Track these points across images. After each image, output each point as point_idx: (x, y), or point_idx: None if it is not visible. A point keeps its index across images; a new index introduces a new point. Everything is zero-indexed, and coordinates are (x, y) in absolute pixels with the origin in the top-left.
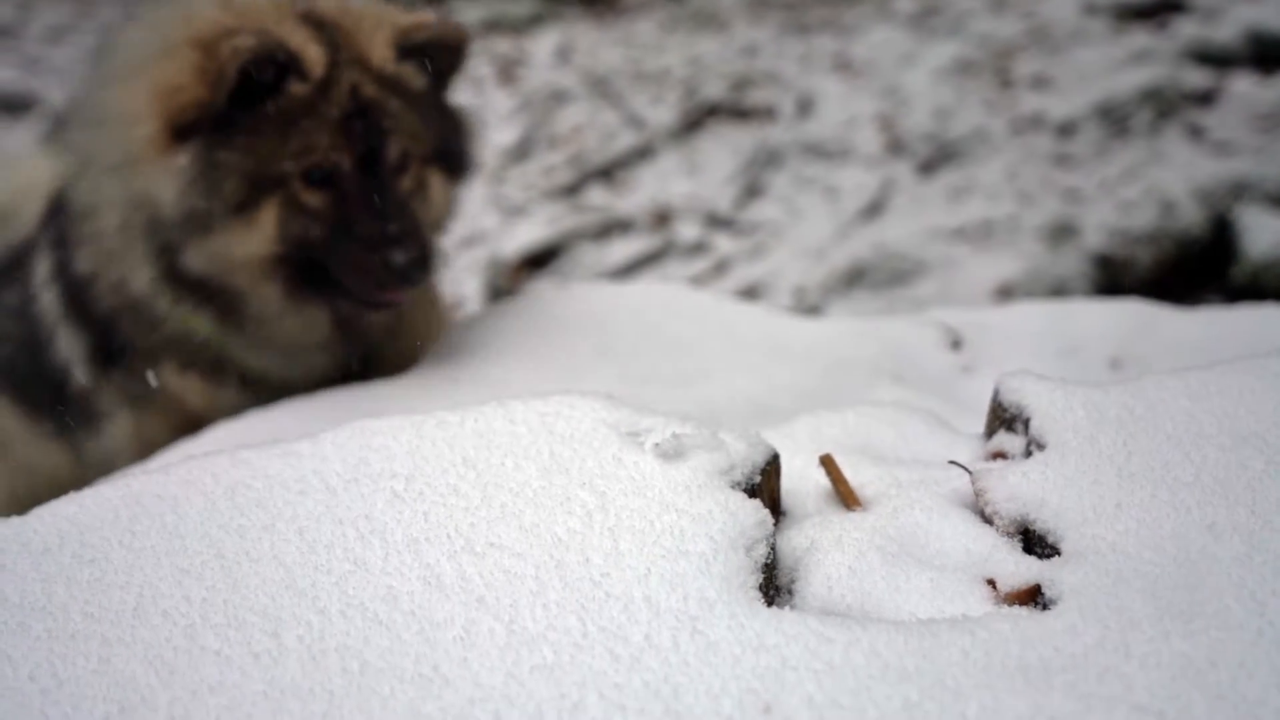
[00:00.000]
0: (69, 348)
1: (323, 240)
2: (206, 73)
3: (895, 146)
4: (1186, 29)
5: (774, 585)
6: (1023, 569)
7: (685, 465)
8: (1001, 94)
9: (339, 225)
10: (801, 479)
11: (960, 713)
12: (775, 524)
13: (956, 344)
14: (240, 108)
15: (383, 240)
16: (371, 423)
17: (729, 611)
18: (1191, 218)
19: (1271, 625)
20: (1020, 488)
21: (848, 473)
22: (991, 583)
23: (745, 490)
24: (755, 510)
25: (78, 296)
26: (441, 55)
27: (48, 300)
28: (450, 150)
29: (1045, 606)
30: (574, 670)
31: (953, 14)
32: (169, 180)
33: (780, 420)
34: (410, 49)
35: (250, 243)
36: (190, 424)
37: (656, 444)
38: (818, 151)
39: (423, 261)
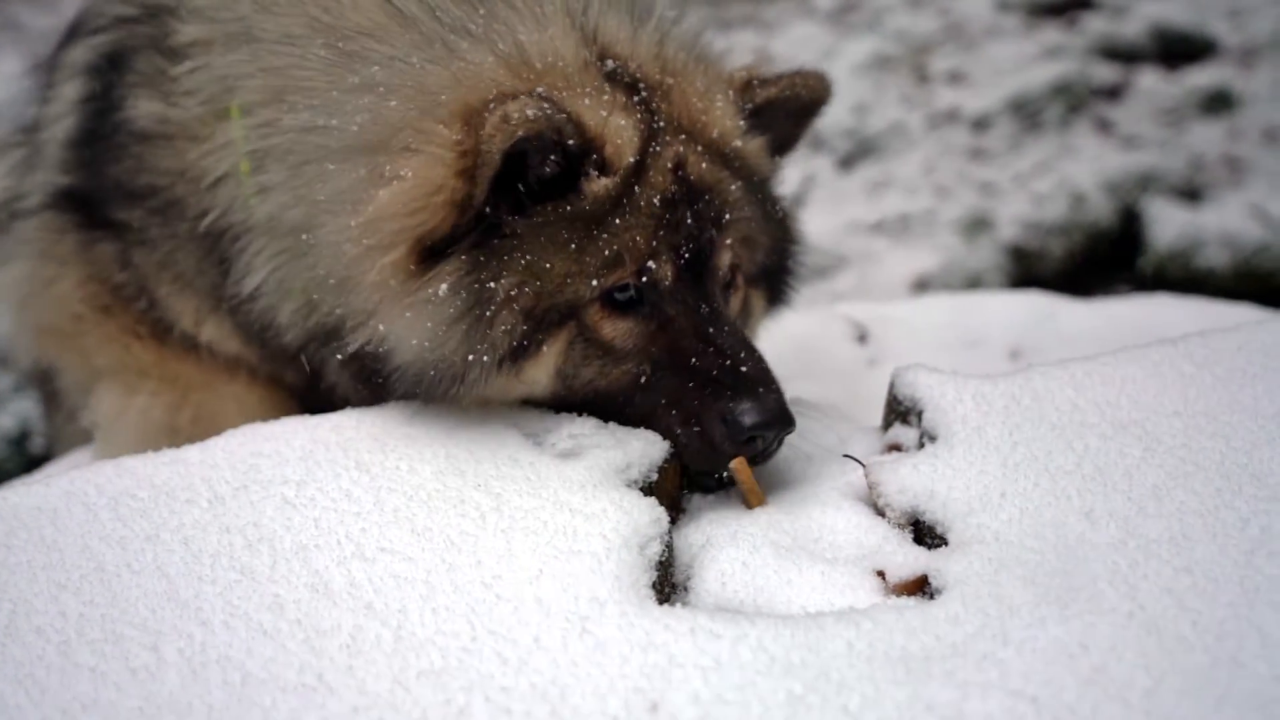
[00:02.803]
0: None
1: (625, 382)
2: (466, 158)
3: (815, 141)
4: (1095, 25)
5: (669, 582)
6: (911, 560)
7: (581, 464)
8: (919, 89)
9: (654, 358)
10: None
11: (842, 705)
12: (674, 521)
13: (863, 338)
14: (514, 206)
15: (727, 387)
16: (264, 427)
17: (619, 610)
18: (1101, 210)
19: (1142, 608)
20: (910, 480)
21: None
22: (881, 574)
23: (641, 488)
24: (650, 508)
25: None
26: (784, 120)
27: None
28: (779, 268)
29: (932, 596)
30: (461, 674)
31: (871, 10)
32: (413, 322)
33: None
34: (752, 112)
35: (513, 392)
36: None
37: (555, 444)
38: None
39: (780, 420)
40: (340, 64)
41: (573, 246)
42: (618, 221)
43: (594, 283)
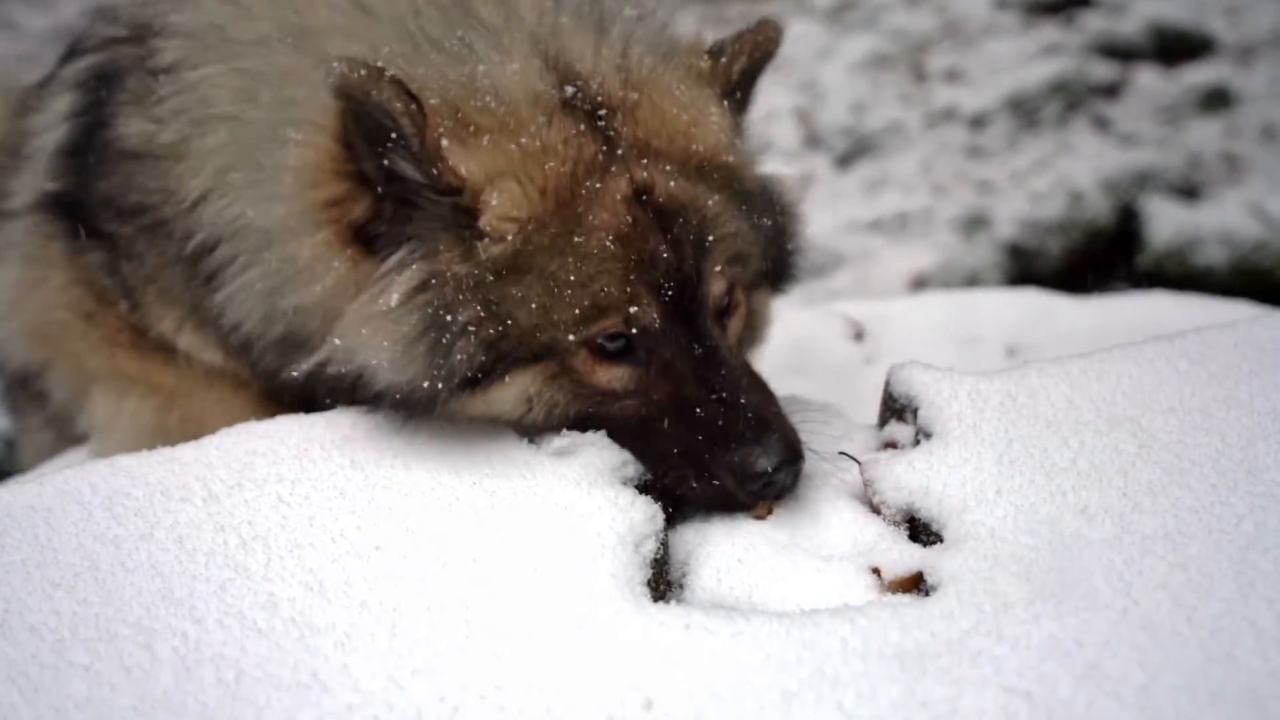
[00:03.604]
0: None
1: (633, 416)
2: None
3: (813, 140)
4: (1093, 23)
5: (665, 580)
6: (906, 557)
7: (576, 462)
8: (916, 87)
9: (655, 403)
10: None
11: (837, 701)
12: (669, 518)
13: (859, 335)
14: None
15: (733, 436)
16: (259, 426)
17: (615, 608)
18: (1099, 208)
19: (1136, 604)
20: (906, 477)
21: None
22: (877, 571)
23: (637, 486)
24: (646, 506)
25: None
26: (747, 83)
27: None
28: (780, 259)
29: (927, 593)
30: (456, 672)
31: (868, 8)
32: (371, 339)
33: None
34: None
35: (476, 412)
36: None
37: (550, 442)
38: None
39: (791, 460)
40: (316, 63)
41: (533, 304)
42: (573, 276)
43: (570, 337)
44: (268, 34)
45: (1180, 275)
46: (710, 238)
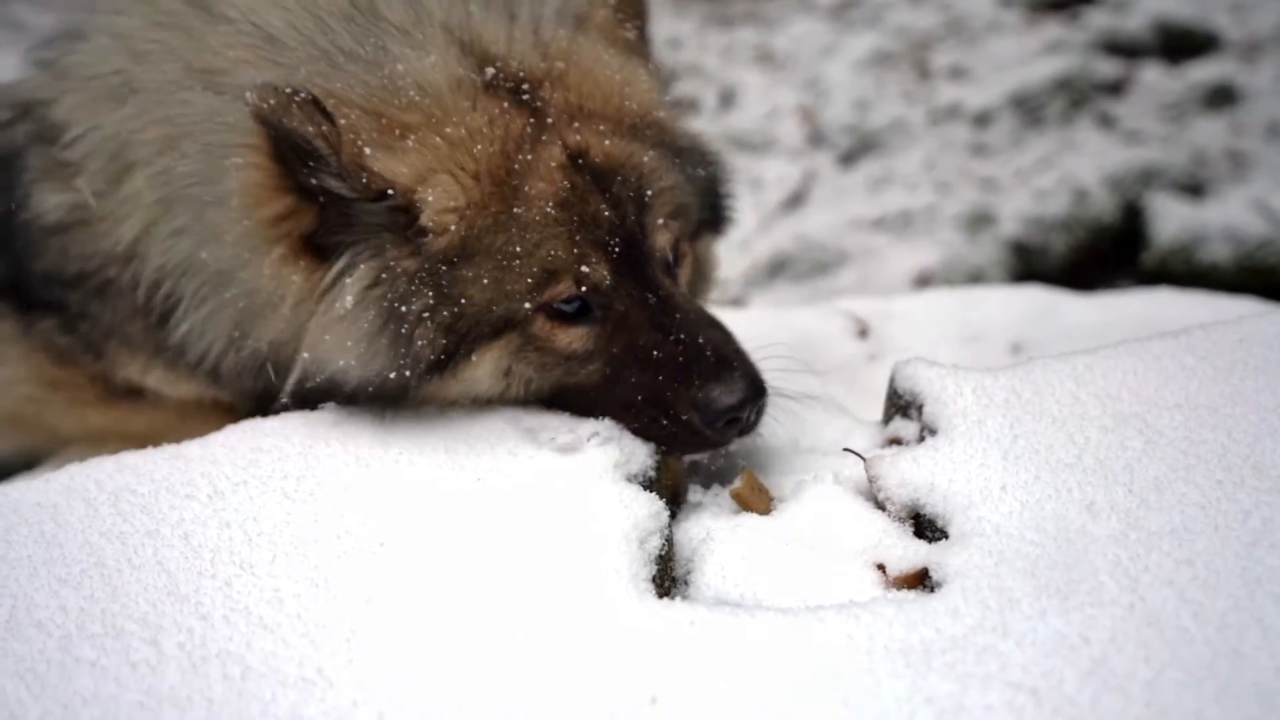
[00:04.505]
0: None
1: (597, 376)
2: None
3: (816, 138)
4: (1098, 20)
5: (669, 576)
6: (911, 553)
7: (580, 459)
8: (920, 85)
9: (616, 355)
10: (702, 469)
11: (842, 698)
12: (674, 515)
13: (864, 332)
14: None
15: (695, 375)
16: (264, 423)
17: (619, 604)
18: (1103, 205)
19: (1143, 600)
20: (911, 473)
21: (743, 464)
22: (882, 567)
23: (642, 483)
24: (650, 503)
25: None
26: (646, 38)
27: None
28: (716, 205)
29: (932, 589)
30: (461, 667)
31: (871, 6)
32: (334, 344)
33: None
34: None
35: (453, 393)
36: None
37: (553, 439)
38: (740, 143)
39: (755, 395)
40: (230, 95)
41: (485, 280)
42: (519, 247)
43: (526, 305)
44: (176, 78)
45: (1185, 272)
46: (649, 193)
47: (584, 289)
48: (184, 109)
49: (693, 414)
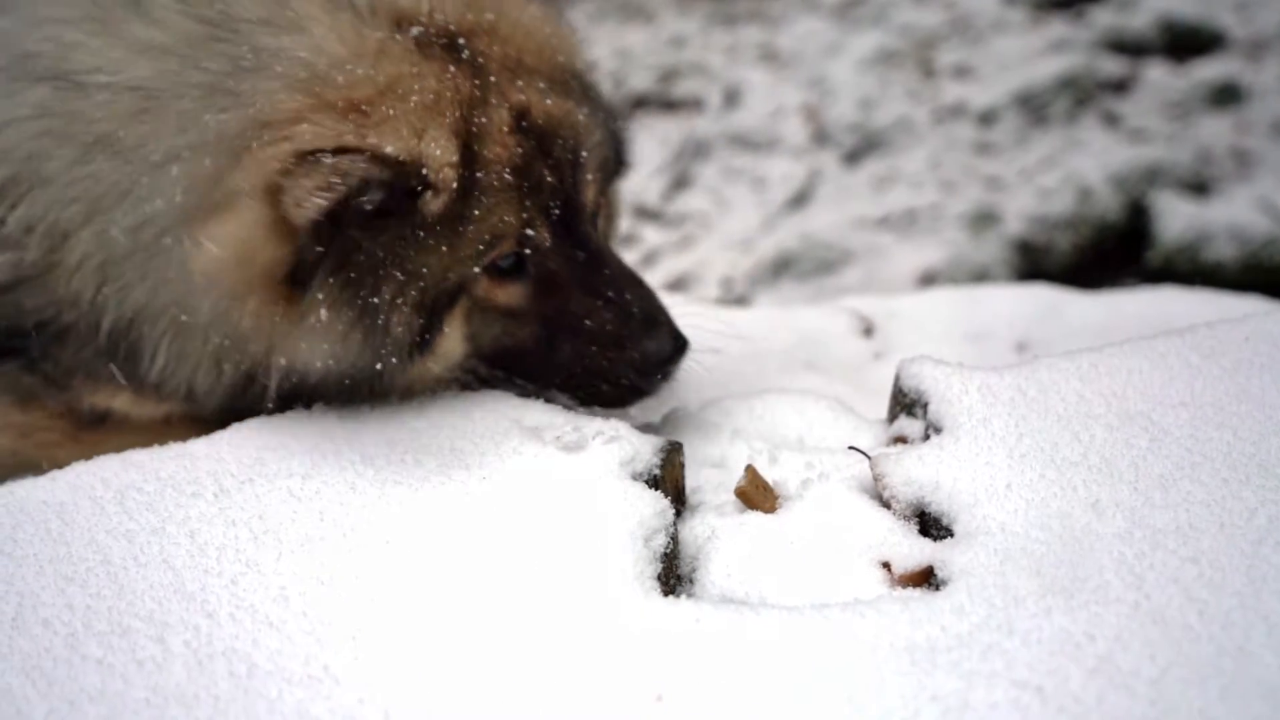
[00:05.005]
0: None
1: (531, 340)
2: (277, 226)
3: (821, 136)
4: (1103, 18)
5: (674, 574)
6: (917, 551)
7: (585, 457)
8: (924, 84)
9: (550, 318)
10: (707, 467)
11: (847, 695)
12: (678, 513)
13: (868, 331)
14: (362, 227)
15: (622, 332)
16: (270, 421)
17: (625, 602)
18: (1108, 204)
19: (1148, 598)
20: (916, 471)
21: (748, 461)
22: (887, 565)
23: (646, 481)
24: (655, 501)
25: None
26: None
27: None
28: (619, 149)
29: (937, 587)
30: (466, 664)
31: (876, 4)
32: (310, 350)
33: (689, 410)
34: None
35: (433, 372)
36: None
37: (558, 437)
38: (745, 142)
39: (680, 348)
40: (135, 155)
41: (444, 248)
42: (477, 213)
43: (475, 269)
44: (76, 157)
45: (1190, 271)
46: (584, 153)
47: (524, 247)
48: (101, 175)
49: (629, 372)
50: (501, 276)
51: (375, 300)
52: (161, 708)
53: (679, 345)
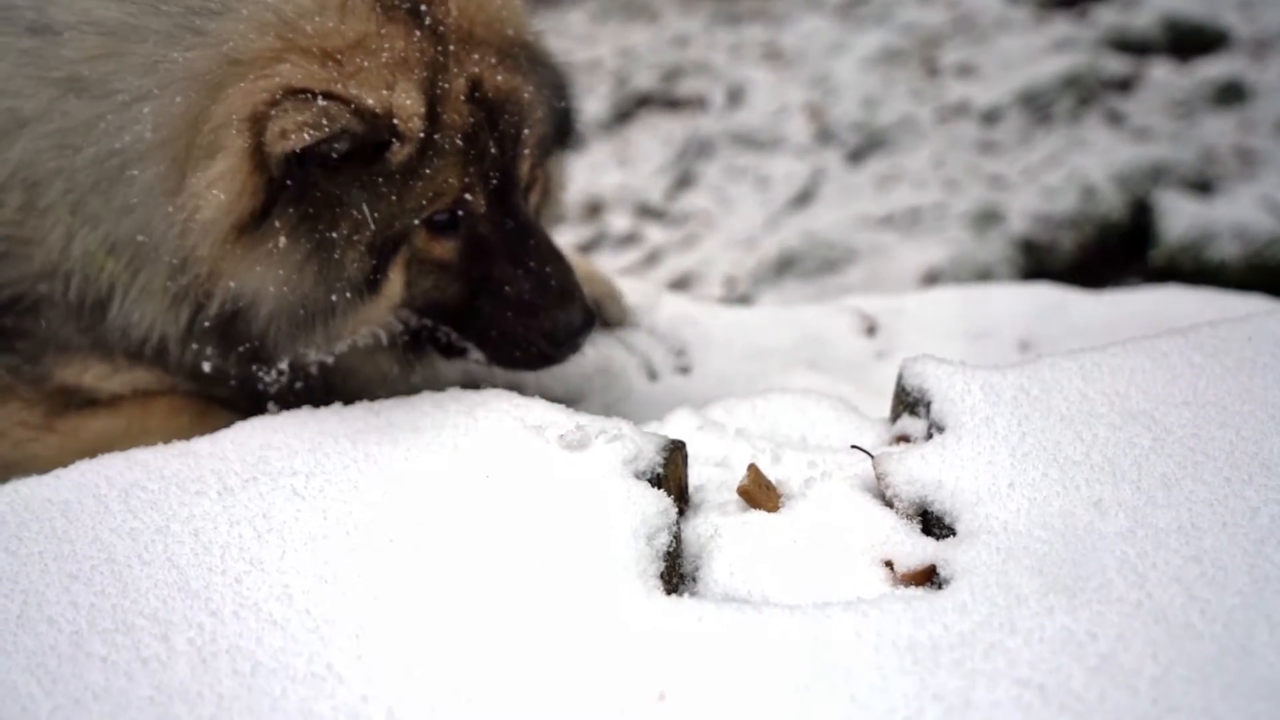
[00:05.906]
0: None
1: (457, 298)
2: (258, 155)
3: (824, 135)
4: (1106, 17)
5: (677, 573)
6: (919, 550)
7: (588, 455)
8: (928, 83)
9: (475, 280)
10: (710, 466)
11: (849, 693)
12: (681, 512)
13: (871, 330)
14: (325, 168)
15: (538, 301)
16: (273, 420)
17: (627, 601)
18: (1112, 202)
19: (1150, 597)
20: (919, 470)
21: (751, 460)
22: (889, 564)
23: (649, 479)
24: (658, 499)
25: None
26: None
27: None
28: (563, 117)
29: (940, 586)
30: (469, 663)
31: (880, 3)
32: (265, 273)
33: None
34: None
35: (376, 315)
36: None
37: (561, 435)
38: (748, 141)
39: (589, 322)
40: (103, 93)
41: (394, 198)
42: (428, 171)
43: (415, 220)
44: (51, 101)
45: (1194, 270)
46: (526, 129)
47: (460, 211)
48: (66, 121)
49: (541, 341)
50: (438, 231)
51: (333, 235)
52: (165, 705)
53: (588, 318)
